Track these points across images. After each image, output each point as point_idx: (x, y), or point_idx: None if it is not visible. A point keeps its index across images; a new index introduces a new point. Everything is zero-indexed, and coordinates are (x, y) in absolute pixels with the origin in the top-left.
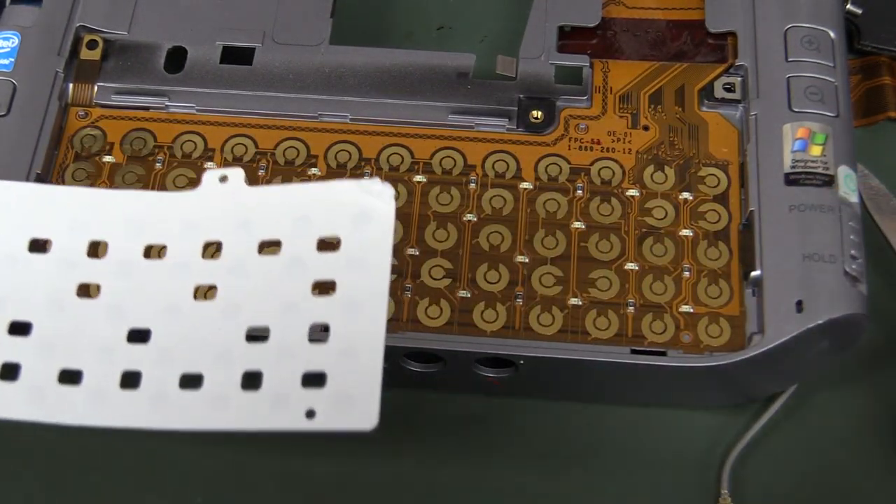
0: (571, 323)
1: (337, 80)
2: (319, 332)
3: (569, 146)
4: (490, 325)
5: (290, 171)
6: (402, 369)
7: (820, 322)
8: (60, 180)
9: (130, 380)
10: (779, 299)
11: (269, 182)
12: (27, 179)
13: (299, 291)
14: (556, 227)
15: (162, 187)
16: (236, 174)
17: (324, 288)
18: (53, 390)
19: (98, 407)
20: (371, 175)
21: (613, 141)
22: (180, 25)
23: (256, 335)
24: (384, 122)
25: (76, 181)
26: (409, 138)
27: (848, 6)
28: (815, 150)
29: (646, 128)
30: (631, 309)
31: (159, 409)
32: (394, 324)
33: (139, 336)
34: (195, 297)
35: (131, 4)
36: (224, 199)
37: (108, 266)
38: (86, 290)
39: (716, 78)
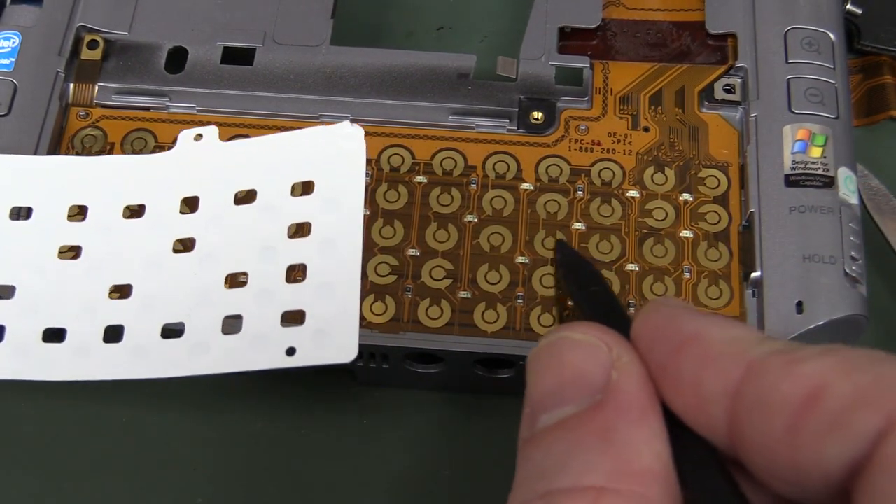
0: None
1: (337, 81)
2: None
3: (569, 147)
4: (490, 326)
5: None
6: (402, 369)
7: (820, 323)
8: None
9: (113, 334)
10: (779, 300)
11: None
12: None
13: (275, 235)
14: (556, 228)
15: None
16: (210, 131)
17: (300, 231)
18: (38, 349)
19: (82, 362)
20: (372, 176)
21: (614, 142)
22: (181, 26)
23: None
24: (385, 123)
25: None
26: (410, 139)
27: (848, 6)
28: (815, 152)
29: (646, 129)
30: (632, 310)
31: (142, 360)
32: (394, 324)
33: (120, 291)
34: (174, 250)
35: (132, 5)
36: (199, 155)
37: (89, 228)
38: (67, 252)
39: (716, 79)
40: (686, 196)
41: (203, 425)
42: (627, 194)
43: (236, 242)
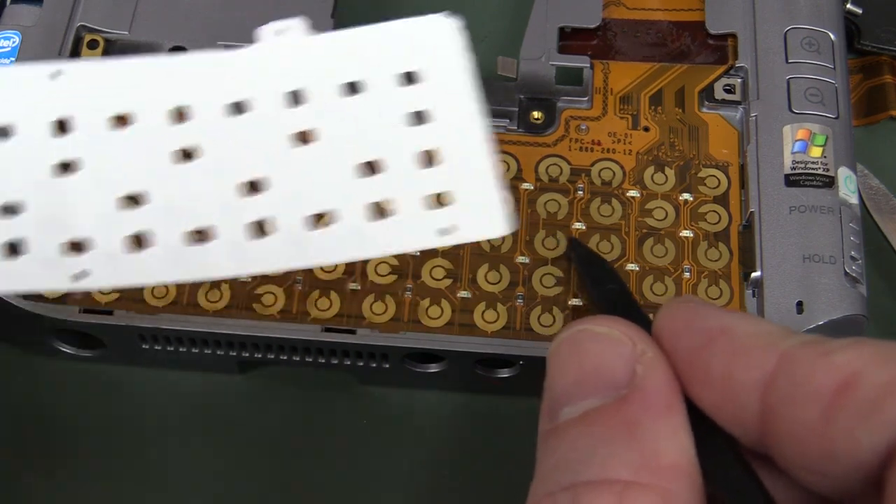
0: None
1: None
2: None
3: (569, 147)
4: (490, 326)
5: None
6: (402, 369)
7: (820, 323)
8: None
9: (258, 230)
10: (779, 300)
11: None
12: None
13: (390, 125)
14: (556, 227)
15: None
16: (296, 24)
17: (413, 119)
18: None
19: (234, 258)
20: None
21: (614, 142)
22: (181, 25)
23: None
24: None
25: None
26: None
27: (848, 6)
28: (815, 152)
29: (646, 129)
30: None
31: (297, 248)
32: (394, 324)
33: (254, 187)
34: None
35: (132, 4)
36: (282, 53)
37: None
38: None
39: (716, 79)
40: (686, 196)
41: (202, 426)
42: (627, 194)
43: (354, 133)
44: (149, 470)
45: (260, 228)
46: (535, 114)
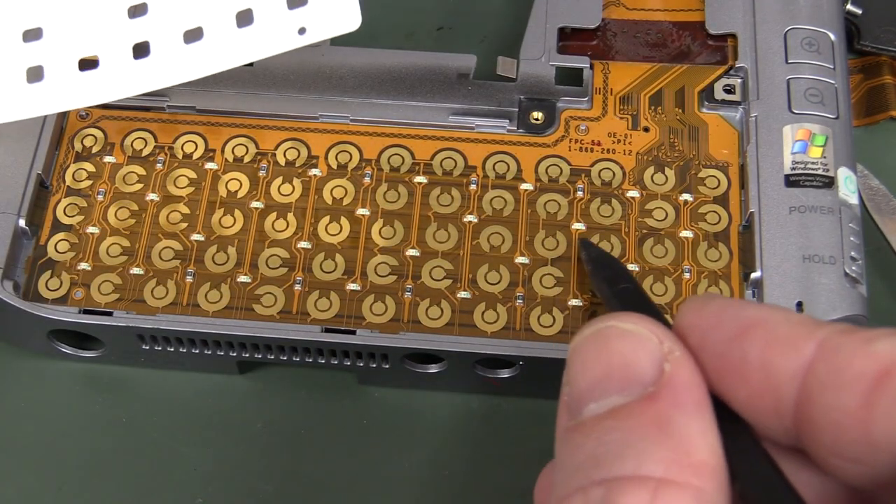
0: (572, 324)
1: (337, 81)
2: None
3: (569, 147)
4: (490, 326)
5: (290, 172)
6: (402, 369)
7: None
8: (61, 181)
9: (141, 50)
10: (779, 301)
11: (270, 183)
12: (27, 179)
13: None
14: (556, 228)
15: (163, 187)
16: None
17: None
18: (77, 79)
19: (119, 81)
20: (372, 176)
21: (614, 142)
22: None
23: None
24: (385, 123)
25: (77, 182)
26: (410, 139)
27: (848, 6)
28: (815, 152)
29: (646, 129)
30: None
31: (172, 68)
32: (394, 324)
33: (139, 10)
34: None
35: None
36: None
37: None
38: None
39: (716, 80)
40: (686, 196)
41: (202, 426)
42: (627, 194)
43: None
44: (149, 470)
45: (139, 51)
46: (535, 114)
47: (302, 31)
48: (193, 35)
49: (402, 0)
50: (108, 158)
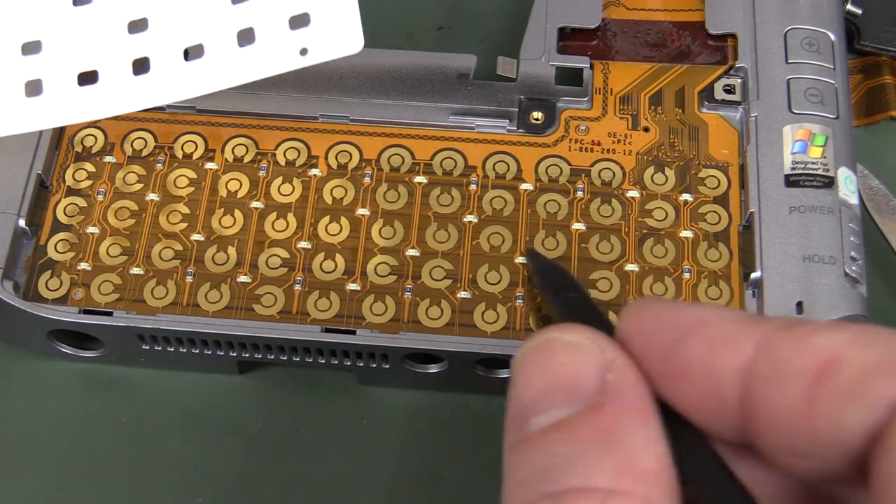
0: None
1: (337, 81)
2: None
3: (569, 147)
4: (490, 326)
5: (290, 172)
6: (402, 369)
7: None
8: (61, 181)
9: (140, 66)
10: (779, 301)
11: (270, 184)
12: (27, 180)
13: None
14: (556, 228)
15: (163, 188)
16: None
17: None
18: (76, 94)
19: (118, 97)
20: (372, 176)
21: (614, 142)
22: None
23: None
24: (385, 124)
25: (77, 182)
26: (410, 139)
27: (848, 6)
28: (815, 152)
29: (646, 129)
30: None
31: (172, 85)
32: (394, 324)
33: (139, 26)
34: None
35: None
36: None
37: None
38: None
39: (716, 79)
40: (686, 196)
41: (203, 426)
42: (627, 194)
43: None
44: (149, 470)
45: (142, 65)
46: (535, 114)
47: (304, 52)
48: (194, 52)
49: (402, 0)
50: (108, 158)
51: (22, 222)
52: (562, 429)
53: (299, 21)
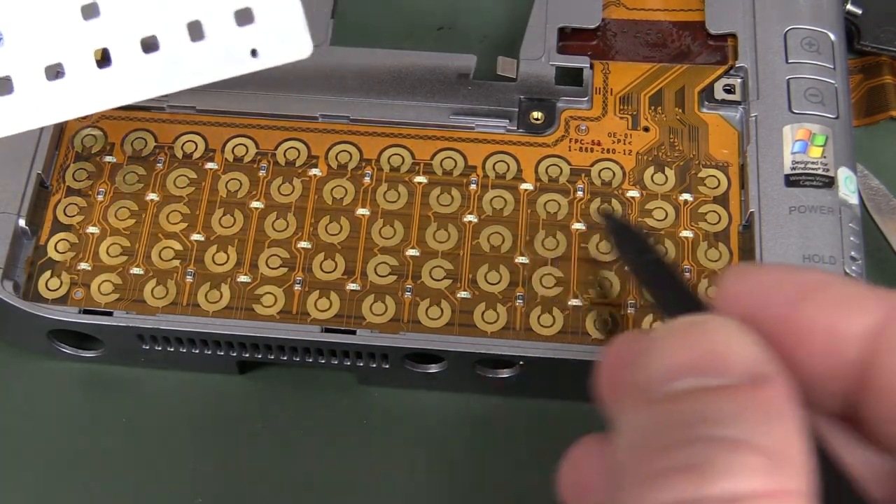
0: (572, 324)
1: (337, 81)
2: None
3: (569, 147)
4: (490, 326)
5: (290, 172)
6: (402, 369)
7: None
8: (61, 181)
9: (104, 60)
10: None
11: (270, 183)
12: (27, 180)
13: None
14: (556, 227)
15: (163, 187)
16: None
17: None
18: (46, 90)
19: (85, 93)
20: (372, 176)
21: (614, 142)
22: None
23: None
24: (384, 123)
25: (77, 182)
26: (410, 139)
27: (848, 6)
28: (815, 152)
29: (646, 129)
30: (632, 310)
31: (133, 81)
32: (394, 324)
33: (89, 10)
34: None
35: None
36: None
37: None
38: None
39: (716, 79)
40: (686, 196)
41: (202, 426)
42: (627, 194)
43: None
44: (149, 470)
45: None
46: (535, 114)
47: (254, 53)
48: (150, 47)
49: (402, 0)
50: (108, 158)
51: (22, 222)
52: (721, 390)
53: (245, 17)
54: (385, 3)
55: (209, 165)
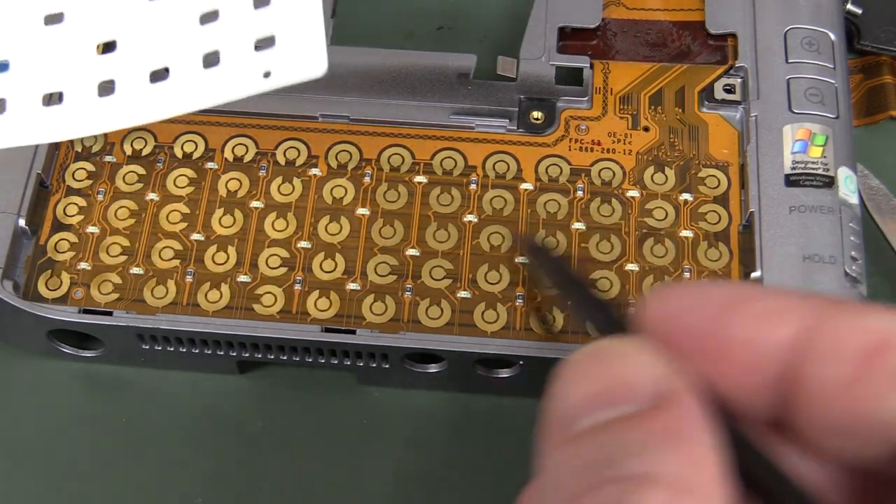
0: (572, 324)
1: (337, 81)
2: None
3: (569, 147)
4: (490, 326)
5: (290, 172)
6: (402, 369)
7: None
8: (61, 180)
9: (106, 88)
10: None
11: (269, 183)
12: (27, 180)
13: None
14: (556, 227)
15: (163, 187)
16: None
17: None
18: (40, 113)
19: (82, 118)
20: (372, 176)
21: (614, 142)
22: None
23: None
24: (385, 123)
25: (77, 181)
26: (410, 139)
27: (848, 6)
28: (815, 152)
29: (646, 129)
30: (632, 309)
31: (136, 107)
32: (394, 324)
33: (107, 47)
34: None
35: None
36: None
37: None
38: (52, 18)
39: (716, 79)
40: (686, 196)
41: (202, 426)
42: (627, 194)
43: None
44: (149, 470)
45: (105, 89)
46: (535, 114)
47: (267, 74)
48: (159, 75)
49: (402, 0)
50: (108, 158)
51: (22, 222)
52: (624, 421)
53: (265, 43)
54: (385, 3)
55: (209, 165)
